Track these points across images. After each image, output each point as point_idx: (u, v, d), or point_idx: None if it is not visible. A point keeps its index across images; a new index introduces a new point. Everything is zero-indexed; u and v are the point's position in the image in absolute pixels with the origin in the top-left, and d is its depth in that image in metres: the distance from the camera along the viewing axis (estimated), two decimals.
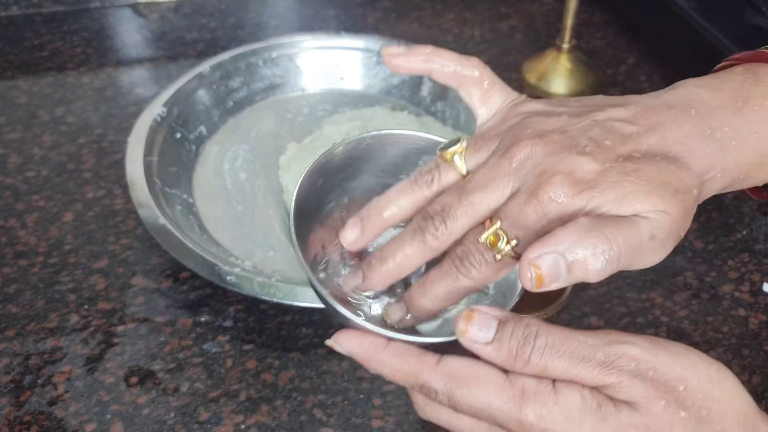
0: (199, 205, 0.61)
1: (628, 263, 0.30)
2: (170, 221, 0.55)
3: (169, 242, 0.53)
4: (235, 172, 0.65)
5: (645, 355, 0.29)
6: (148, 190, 0.57)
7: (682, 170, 0.32)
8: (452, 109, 0.70)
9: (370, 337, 0.32)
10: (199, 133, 0.68)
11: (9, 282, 0.55)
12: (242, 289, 0.51)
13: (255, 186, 0.64)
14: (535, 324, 0.30)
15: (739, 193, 0.65)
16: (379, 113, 0.66)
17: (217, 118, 0.70)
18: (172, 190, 0.60)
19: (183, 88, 0.67)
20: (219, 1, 0.88)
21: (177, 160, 0.64)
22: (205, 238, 0.57)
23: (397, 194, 0.34)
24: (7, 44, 0.80)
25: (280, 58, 0.73)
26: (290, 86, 0.74)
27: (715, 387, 0.29)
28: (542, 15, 0.88)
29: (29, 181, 0.64)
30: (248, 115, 0.71)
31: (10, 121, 0.70)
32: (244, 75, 0.72)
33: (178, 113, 0.66)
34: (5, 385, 0.49)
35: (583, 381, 0.29)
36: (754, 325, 0.54)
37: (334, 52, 0.74)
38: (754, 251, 0.60)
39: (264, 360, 0.51)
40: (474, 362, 0.30)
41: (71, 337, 0.52)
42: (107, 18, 0.85)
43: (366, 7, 0.88)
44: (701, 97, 0.34)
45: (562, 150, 0.31)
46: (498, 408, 0.29)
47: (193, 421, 0.47)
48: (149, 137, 0.62)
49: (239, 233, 0.59)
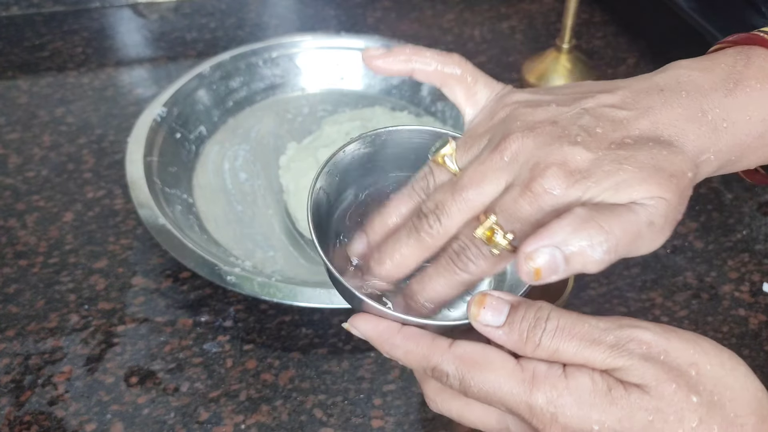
0: (199, 205, 0.62)
1: (627, 251, 0.30)
2: (170, 221, 0.55)
3: (169, 242, 0.53)
4: (235, 172, 0.65)
5: (656, 339, 0.29)
6: (148, 190, 0.57)
7: (675, 154, 0.31)
8: (452, 109, 0.70)
9: (385, 321, 0.32)
10: (199, 133, 0.68)
11: (9, 282, 0.55)
12: (242, 289, 0.51)
13: (255, 186, 0.64)
14: (546, 308, 0.29)
15: (739, 193, 0.65)
16: (379, 113, 0.66)
17: (217, 118, 0.70)
18: (172, 190, 0.60)
19: (183, 88, 0.67)
20: (219, 1, 0.88)
21: (177, 160, 0.64)
22: (205, 238, 0.57)
23: (397, 203, 0.35)
24: (8, 44, 0.80)
25: (280, 58, 0.73)
26: (290, 86, 0.74)
27: (727, 373, 0.29)
28: (542, 15, 0.88)
29: (29, 181, 0.64)
30: (248, 115, 0.71)
31: (10, 121, 0.70)
32: (244, 75, 0.72)
33: (178, 113, 0.66)
34: (5, 385, 0.49)
35: (594, 364, 0.29)
36: (754, 325, 0.54)
37: (334, 52, 0.74)
38: (754, 251, 0.60)
39: (264, 360, 0.51)
40: (486, 347, 0.30)
41: (71, 337, 0.52)
42: (107, 18, 0.85)
43: (366, 8, 0.88)
44: (692, 78, 0.34)
45: (553, 141, 0.31)
46: (508, 392, 0.29)
47: (193, 421, 0.47)
48: (149, 137, 0.62)
49: (239, 233, 0.59)
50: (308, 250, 0.58)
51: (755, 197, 0.64)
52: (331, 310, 0.54)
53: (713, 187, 0.65)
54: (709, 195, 0.65)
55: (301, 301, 0.50)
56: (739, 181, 0.66)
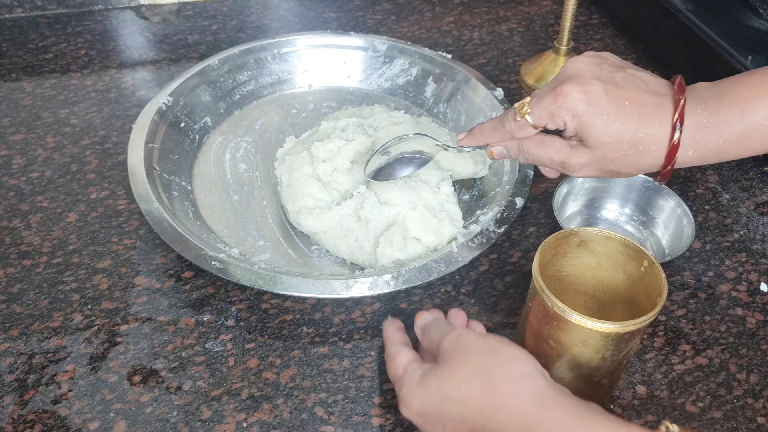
0: (197, 192, 0.63)
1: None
2: (164, 207, 0.56)
3: (158, 226, 0.54)
4: (235, 162, 0.67)
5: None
6: (146, 175, 0.58)
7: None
8: (454, 111, 0.71)
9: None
10: (204, 123, 0.69)
11: (13, 282, 0.56)
12: (226, 275, 0.51)
13: (253, 177, 0.65)
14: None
15: (736, 193, 0.65)
16: (377, 111, 0.67)
17: (223, 110, 0.71)
18: (171, 177, 0.61)
19: (190, 79, 0.69)
20: (221, 4, 0.89)
21: (179, 149, 0.65)
22: (198, 224, 0.59)
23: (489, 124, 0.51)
24: (12, 46, 0.81)
25: (288, 54, 0.74)
26: (297, 82, 0.75)
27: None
28: (540, 17, 0.89)
29: (33, 182, 0.64)
30: (254, 108, 0.73)
31: (14, 123, 0.71)
32: (252, 69, 0.73)
33: (184, 103, 0.67)
34: (9, 384, 0.49)
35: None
36: (752, 324, 0.54)
37: (342, 50, 0.75)
38: (752, 251, 0.60)
39: (266, 359, 0.51)
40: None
41: (75, 337, 0.52)
42: (110, 20, 0.85)
43: (366, 10, 0.89)
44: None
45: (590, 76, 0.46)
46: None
47: (195, 419, 0.47)
48: (153, 125, 0.63)
49: (232, 221, 0.61)
50: (298, 241, 0.60)
51: (752, 197, 0.65)
52: (331, 310, 0.54)
53: (711, 188, 0.66)
54: (706, 195, 0.65)
55: (281, 290, 0.51)
56: (736, 182, 0.66)
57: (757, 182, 0.66)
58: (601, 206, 0.62)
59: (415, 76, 0.74)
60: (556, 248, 0.48)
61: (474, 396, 0.39)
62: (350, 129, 0.63)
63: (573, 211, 0.62)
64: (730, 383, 0.50)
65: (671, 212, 0.59)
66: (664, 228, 0.59)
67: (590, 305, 0.51)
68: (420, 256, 0.55)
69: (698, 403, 0.49)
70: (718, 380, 0.51)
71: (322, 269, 0.57)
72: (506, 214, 0.57)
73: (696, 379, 0.51)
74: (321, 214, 0.57)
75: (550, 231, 0.61)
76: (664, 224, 0.59)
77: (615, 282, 0.49)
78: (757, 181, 0.67)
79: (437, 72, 0.73)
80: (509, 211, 0.57)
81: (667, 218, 0.59)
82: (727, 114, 0.43)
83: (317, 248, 0.59)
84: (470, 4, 0.91)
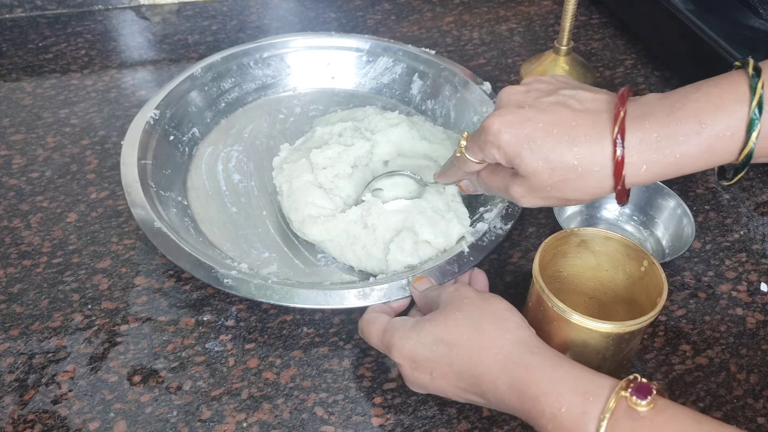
0: (194, 207, 0.62)
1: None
2: (166, 224, 0.55)
3: (165, 245, 0.53)
4: (228, 173, 0.65)
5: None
6: (143, 193, 0.57)
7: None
8: (442, 107, 0.71)
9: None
10: (192, 134, 0.68)
11: (13, 282, 0.56)
12: (239, 292, 0.51)
13: (249, 187, 0.64)
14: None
15: (736, 193, 0.65)
16: (371, 113, 0.66)
17: (210, 119, 0.70)
18: (166, 193, 0.60)
19: (175, 89, 0.67)
20: (221, 4, 0.89)
21: (171, 163, 0.64)
22: (201, 240, 0.58)
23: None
24: (12, 46, 0.81)
25: (271, 58, 0.73)
26: (282, 86, 0.74)
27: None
28: (540, 17, 0.89)
29: (33, 182, 0.64)
30: (241, 115, 0.71)
31: (14, 123, 0.71)
32: (235, 76, 0.72)
33: (171, 115, 0.66)
34: (9, 384, 0.49)
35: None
36: (752, 324, 0.54)
37: (325, 51, 0.74)
38: (752, 251, 0.60)
39: (266, 359, 0.51)
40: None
41: (75, 337, 0.52)
42: (110, 20, 0.85)
43: (366, 10, 0.89)
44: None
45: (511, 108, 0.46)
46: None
47: (195, 419, 0.47)
48: (143, 140, 0.61)
49: (234, 234, 0.60)
50: (303, 250, 0.59)
51: (752, 197, 0.65)
52: (332, 310, 0.54)
53: (710, 188, 0.66)
54: (706, 195, 0.65)
55: (298, 303, 0.51)
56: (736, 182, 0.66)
57: (757, 182, 0.66)
58: (601, 206, 0.62)
59: (400, 74, 0.73)
60: (556, 248, 0.48)
61: (464, 338, 0.43)
62: (347, 133, 0.63)
63: (573, 211, 0.62)
64: (730, 383, 0.50)
65: (671, 212, 0.59)
66: (664, 228, 0.59)
67: (590, 305, 0.51)
68: (430, 258, 0.55)
69: (698, 403, 0.49)
70: (718, 380, 0.51)
71: (332, 277, 0.57)
72: (511, 210, 0.57)
73: (696, 379, 0.51)
74: (326, 222, 0.56)
75: (550, 231, 0.61)
76: (664, 224, 0.59)
77: (615, 282, 0.49)
78: (757, 181, 0.67)
79: (422, 69, 0.72)
80: (513, 207, 0.57)
81: (667, 218, 0.59)
82: (682, 127, 0.40)
83: (323, 256, 0.58)
84: (470, 4, 0.91)
